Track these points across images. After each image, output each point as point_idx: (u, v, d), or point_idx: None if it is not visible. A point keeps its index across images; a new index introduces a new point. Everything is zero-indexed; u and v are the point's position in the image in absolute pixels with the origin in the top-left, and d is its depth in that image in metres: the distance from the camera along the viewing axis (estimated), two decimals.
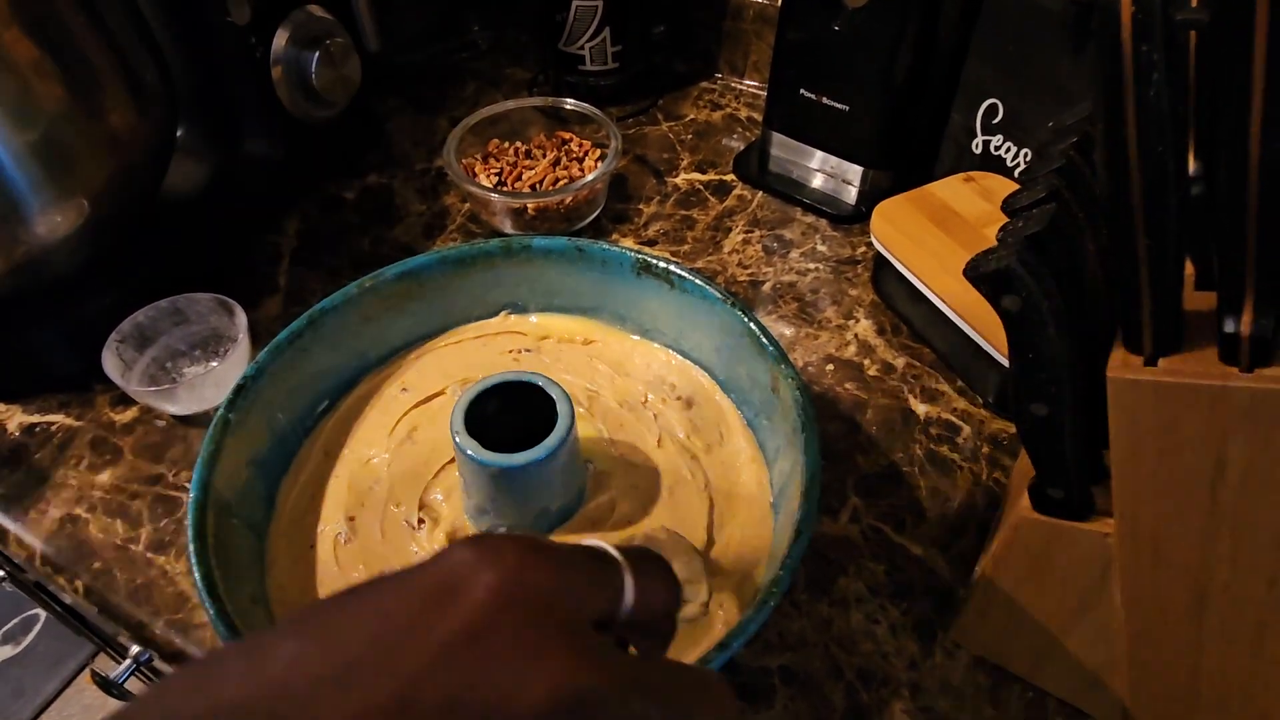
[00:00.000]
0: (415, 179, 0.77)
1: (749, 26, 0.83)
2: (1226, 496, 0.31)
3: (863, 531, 0.51)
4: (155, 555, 0.50)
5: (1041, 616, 0.41)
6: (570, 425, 0.42)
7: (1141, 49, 0.24)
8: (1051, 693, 0.44)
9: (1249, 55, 0.23)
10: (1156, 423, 0.30)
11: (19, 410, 0.58)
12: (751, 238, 0.70)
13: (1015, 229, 0.32)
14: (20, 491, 0.54)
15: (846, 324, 0.63)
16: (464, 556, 0.22)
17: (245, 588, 0.41)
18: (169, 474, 0.54)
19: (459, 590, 0.21)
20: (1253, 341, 0.28)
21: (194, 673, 0.20)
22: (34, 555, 0.51)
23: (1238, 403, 0.28)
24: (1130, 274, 0.29)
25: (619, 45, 0.80)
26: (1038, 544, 0.38)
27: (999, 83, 0.61)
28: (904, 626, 0.47)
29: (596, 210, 0.71)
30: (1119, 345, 0.31)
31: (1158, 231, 0.27)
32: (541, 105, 0.75)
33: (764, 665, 0.45)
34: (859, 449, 0.55)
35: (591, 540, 0.27)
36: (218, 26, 0.62)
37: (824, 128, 0.70)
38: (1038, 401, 0.33)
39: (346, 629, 0.21)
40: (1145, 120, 0.25)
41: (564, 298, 0.55)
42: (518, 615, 0.21)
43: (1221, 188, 0.26)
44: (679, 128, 0.82)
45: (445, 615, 0.21)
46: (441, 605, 0.21)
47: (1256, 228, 0.26)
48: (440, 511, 0.46)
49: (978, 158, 0.64)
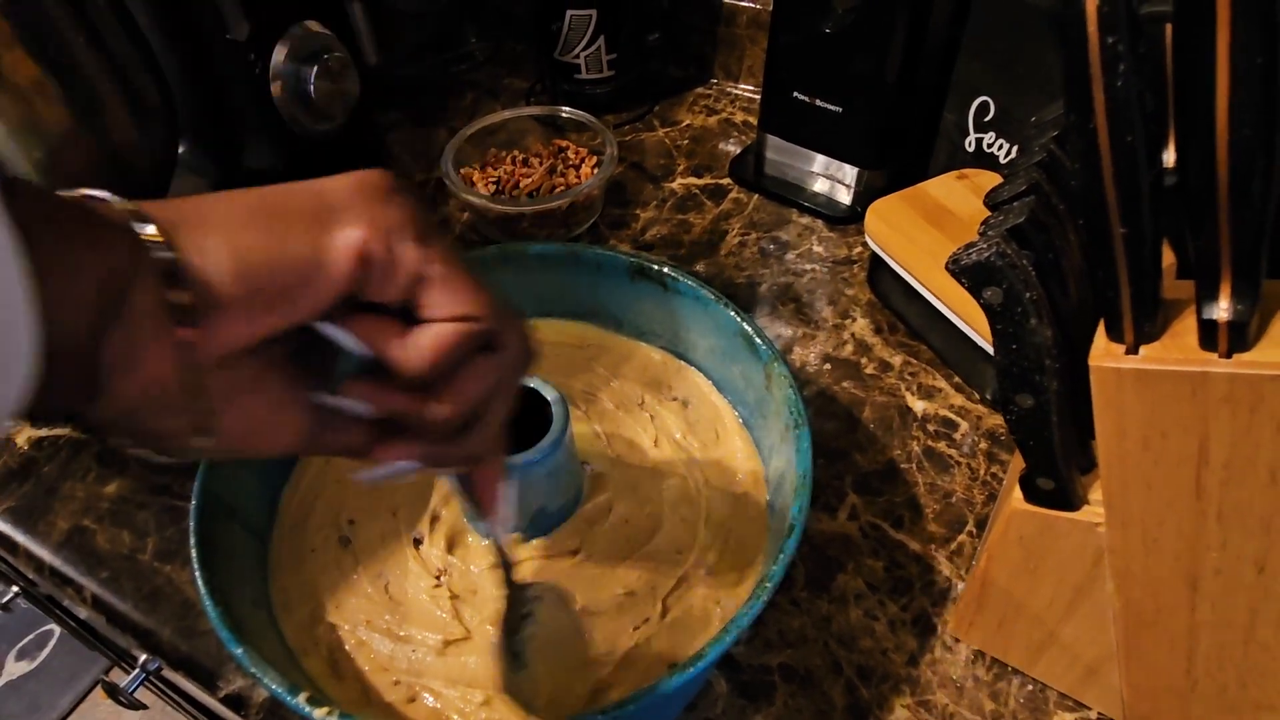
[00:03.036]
0: (414, 190, 0.78)
1: (742, 31, 0.84)
2: (1211, 482, 0.31)
3: (861, 528, 0.51)
4: (161, 564, 0.51)
5: (1037, 608, 0.41)
6: (565, 427, 0.42)
7: (1107, 41, 0.25)
8: (1050, 685, 0.44)
9: (1213, 43, 0.24)
10: (1140, 410, 0.31)
11: (26, 425, 0.59)
12: (748, 240, 0.71)
13: (996, 222, 0.32)
14: (29, 504, 0.55)
15: (843, 323, 0.64)
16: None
17: (248, 592, 0.42)
18: (174, 484, 0.55)
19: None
20: (1231, 327, 0.28)
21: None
22: (43, 567, 0.52)
23: (1218, 388, 0.29)
24: (1109, 263, 0.29)
25: (614, 53, 0.81)
26: (1031, 536, 0.39)
27: (990, 81, 0.62)
28: (903, 622, 0.47)
29: (594, 216, 0.72)
30: (1101, 334, 0.31)
31: (1133, 220, 0.28)
32: (538, 114, 0.76)
33: (764, 663, 0.46)
34: (857, 447, 0.56)
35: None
36: (217, 44, 0.63)
37: (818, 129, 0.71)
38: (1023, 392, 0.34)
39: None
40: (1114, 111, 0.26)
41: (560, 302, 0.55)
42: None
43: (1193, 175, 0.26)
44: (675, 133, 0.83)
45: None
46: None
47: (1228, 214, 0.26)
48: (439, 515, 0.46)
49: (970, 155, 0.65)
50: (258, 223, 0.25)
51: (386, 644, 0.42)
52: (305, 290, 0.25)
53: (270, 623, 0.42)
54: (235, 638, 0.36)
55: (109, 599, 0.50)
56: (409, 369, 0.27)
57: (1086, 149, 0.27)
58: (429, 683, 0.41)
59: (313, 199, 0.26)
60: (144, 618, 0.49)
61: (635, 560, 0.44)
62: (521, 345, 0.30)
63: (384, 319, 0.27)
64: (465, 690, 0.40)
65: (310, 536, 0.46)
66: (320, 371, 0.29)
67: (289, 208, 0.25)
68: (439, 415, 0.28)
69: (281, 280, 0.25)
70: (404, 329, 0.27)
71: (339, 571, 0.45)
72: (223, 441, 0.26)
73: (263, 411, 0.27)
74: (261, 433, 0.28)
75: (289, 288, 0.25)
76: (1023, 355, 0.33)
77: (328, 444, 0.29)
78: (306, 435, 0.29)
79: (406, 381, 0.28)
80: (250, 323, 0.25)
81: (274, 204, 0.25)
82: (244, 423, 0.27)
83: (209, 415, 0.25)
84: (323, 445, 0.29)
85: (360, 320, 0.27)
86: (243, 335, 0.25)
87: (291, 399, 0.28)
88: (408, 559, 0.45)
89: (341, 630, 0.43)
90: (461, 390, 0.28)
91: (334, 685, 0.40)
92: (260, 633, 0.40)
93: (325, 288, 0.25)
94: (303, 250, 0.25)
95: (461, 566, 0.44)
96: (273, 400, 0.27)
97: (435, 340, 0.27)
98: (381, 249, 0.26)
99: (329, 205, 0.26)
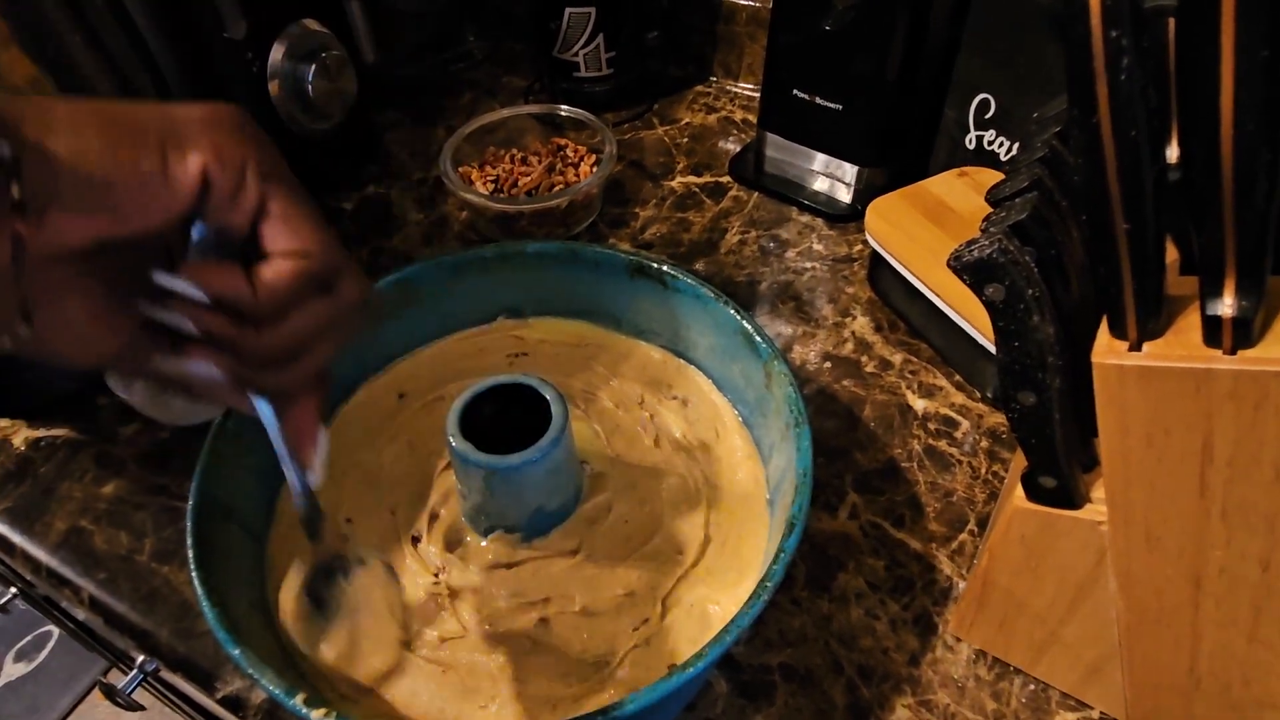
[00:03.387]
0: (413, 189, 0.78)
1: (742, 29, 0.84)
2: (1215, 480, 0.31)
3: (862, 527, 0.51)
4: (159, 565, 0.51)
5: (1039, 607, 0.41)
6: (564, 426, 0.42)
7: (1111, 35, 0.24)
8: (1052, 684, 0.44)
9: (1217, 37, 0.23)
10: (1143, 408, 0.30)
11: (24, 425, 0.59)
12: (748, 238, 0.71)
13: (998, 218, 0.32)
14: (26, 505, 0.54)
15: (844, 321, 0.64)
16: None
17: (246, 593, 0.41)
18: (172, 485, 0.55)
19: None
20: (1235, 324, 0.28)
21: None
22: (40, 568, 0.52)
23: (1222, 385, 0.28)
24: (1111, 259, 0.29)
25: (613, 51, 0.81)
26: (1033, 534, 0.38)
27: (990, 78, 0.62)
28: (904, 621, 0.47)
29: (593, 215, 0.72)
30: (1104, 331, 0.31)
31: (1136, 215, 0.28)
32: (537, 112, 0.76)
33: (764, 662, 0.46)
34: (857, 445, 0.55)
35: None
36: (215, 42, 0.63)
37: (818, 127, 0.71)
38: (1025, 390, 0.33)
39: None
40: (1117, 106, 0.25)
41: (559, 301, 0.55)
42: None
43: (1197, 171, 0.26)
44: (674, 131, 0.83)
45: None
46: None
47: (1233, 209, 0.26)
48: (438, 515, 0.46)
49: (971, 153, 0.64)
50: (104, 130, 0.25)
51: (383, 642, 0.42)
52: (142, 203, 0.26)
53: (267, 623, 0.42)
54: (233, 638, 0.36)
55: (106, 600, 0.50)
56: (243, 301, 0.28)
57: (1089, 144, 0.27)
58: (425, 681, 0.40)
59: (161, 119, 0.27)
60: (141, 619, 0.49)
61: (635, 560, 0.44)
62: (356, 290, 0.31)
63: (221, 263, 0.28)
64: (462, 688, 0.40)
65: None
66: (150, 294, 0.30)
67: (136, 122, 0.26)
68: (258, 345, 0.29)
69: (120, 190, 0.25)
70: (241, 273, 0.28)
71: None
72: (39, 342, 0.27)
73: (83, 317, 0.28)
74: (80, 339, 0.28)
75: (127, 198, 0.26)
76: (1024, 352, 0.32)
77: (145, 365, 0.30)
78: (125, 350, 0.29)
79: (236, 311, 0.29)
80: (82, 225, 0.25)
81: (122, 116, 0.26)
82: (62, 324, 0.27)
83: (26, 308, 0.26)
84: (140, 365, 0.30)
85: (196, 265, 0.28)
86: (74, 236, 0.25)
87: (113, 311, 0.28)
88: (405, 557, 0.45)
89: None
90: (287, 325, 0.29)
91: (329, 684, 0.40)
92: (257, 633, 0.40)
93: (163, 204, 0.26)
94: (144, 164, 0.26)
95: (460, 565, 0.44)
96: (94, 308, 0.28)
97: (273, 275, 0.28)
98: (225, 178, 0.27)
99: (176, 129, 0.26)
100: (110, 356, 0.29)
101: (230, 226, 0.28)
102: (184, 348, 0.30)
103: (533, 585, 0.43)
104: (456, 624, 0.42)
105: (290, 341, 0.30)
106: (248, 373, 0.30)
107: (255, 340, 0.29)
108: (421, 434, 0.50)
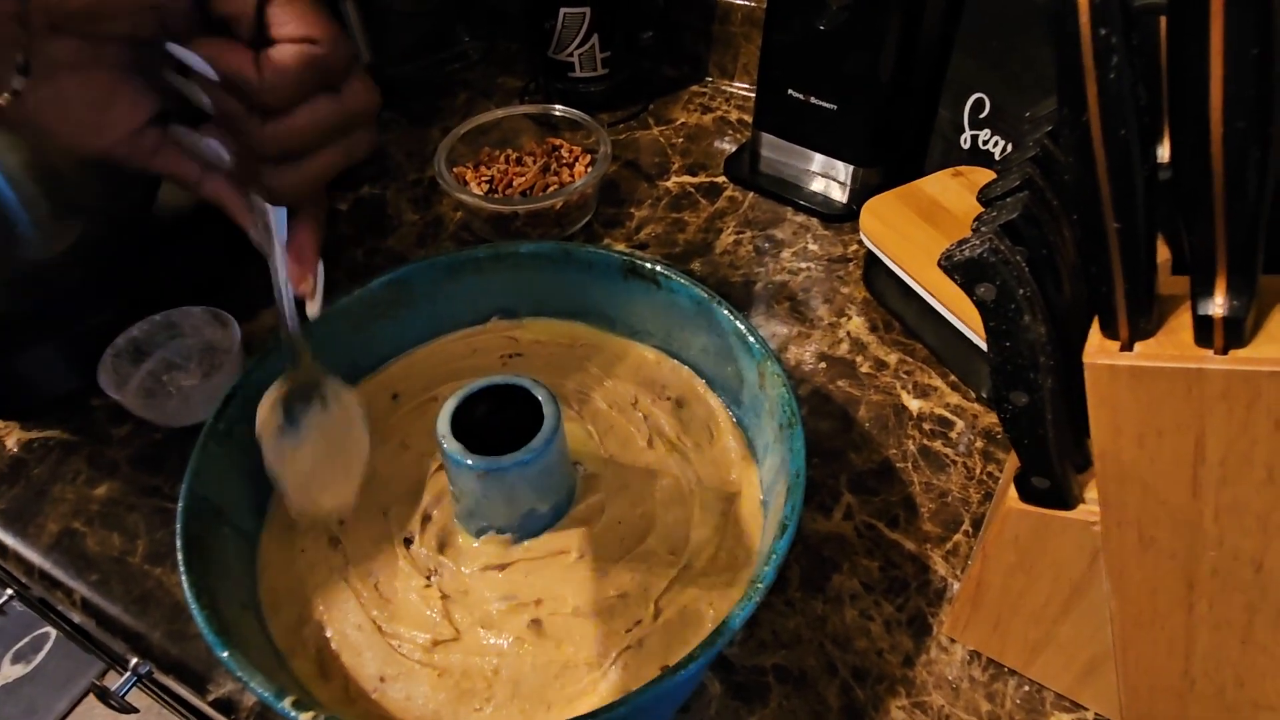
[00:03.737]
0: (408, 189, 0.78)
1: (737, 29, 0.84)
2: (1208, 480, 0.31)
3: (856, 528, 0.51)
4: (152, 567, 0.51)
5: (1034, 608, 0.41)
6: (556, 426, 0.42)
7: (1100, 33, 0.24)
8: (1047, 685, 0.44)
9: (1206, 35, 0.23)
10: (1135, 408, 0.30)
11: (17, 427, 0.59)
12: (743, 239, 0.70)
13: (989, 218, 0.32)
14: (19, 507, 0.54)
15: (839, 322, 0.63)
16: None
17: (237, 594, 0.41)
18: (165, 486, 0.55)
19: None
20: (1226, 323, 0.28)
21: None
22: (32, 570, 0.52)
23: (1214, 385, 0.28)
24: (1103, 258, 0.29)
25: (607, 51, 0.80)
26: (1026, 535, 0.38)
27: (985, 77, 0.62)
28: (898, 623, 0.47)
29: (588, 215, 0.71)
30: (1095, 331, 0.31)
31: (1127, 213, 0.27)
32: (532, 112, 0.75)
33: (758, 664, 0.45)
34: (852, 446, 0.55)
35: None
36: None
37: (813, 127, 0.70)
38: (1017, 390, 0.33)
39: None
40: (1107, 104, 0.25)
41: (553, 301, 0.55)
42: None
43: (1188, 169, 0.26)
44: (669, 132, 0.82)
45: None
46: None
47: (1223, 208, 0.26)
48: (431, 516, 0.46)
49: (966, 152, 0.64)
50: None
51: (375, 644, 0.42)
52: None
53: (259, 625, 0.41)
54: (222, 641, 0.35)
55: (99, 602, 0.50)
56: (252, 83, 0.28)
57: (1080, 143, 0.27)
58: (417, 683, 0.40)
59: None
60: (134, 621, 0.49)
61: (628, 561, 0.44)
62: (363, 94, 0.31)
63: (232, 42, 0.29)
64: (456, 691, 0.40)
65: (299, 537, 0.45)
66: (162, 89, 0.31)
67: None
68: (265, 133, 0.30)
69: None
70: (251, 54, 0.29)
71: (328, 572, 0.44)
72: (41, 111, 0.28)
73: (102, 89, 0.29)
74: (100, 113, 0.30)
75: None
76: (1016, 352, 0.32)
77: (158, 159, 0.31)
78: (136, 135, 0.31)
79: (247, 103, 0.29)
80: None
81: None
82: (81, 98, 0.29)
83: (24, 74, 0.27)
84: (153, 159, 0.31)
85: (208, 41, 0.29)
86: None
87: (134, 86, 0.30)
88: (398, 559, 0.44)
89: (330, 631, 0.42)
90: (294, 118, 0.30)
91: (321, 686, 0.40)
92: (248, 635, 0.39)
93: None
94: None
95: (452, 567, 0.44)
96: (113, 80, 0.29)
97: (281, 56, 0.29)
98: None
99: None
100: (130, 133, 0.30)
101: (236, 11, 0.28)
102: (198, 126, 0.31)
103: (525, 587, 0.43)
104: (449, 626, 0.42)
105: (297, 136, 0.30)
106: (254, 166, 0.31)
107: (261, 129, 0.29)
108: (414, 435, 0.50)
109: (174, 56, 0.29)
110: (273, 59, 0.29)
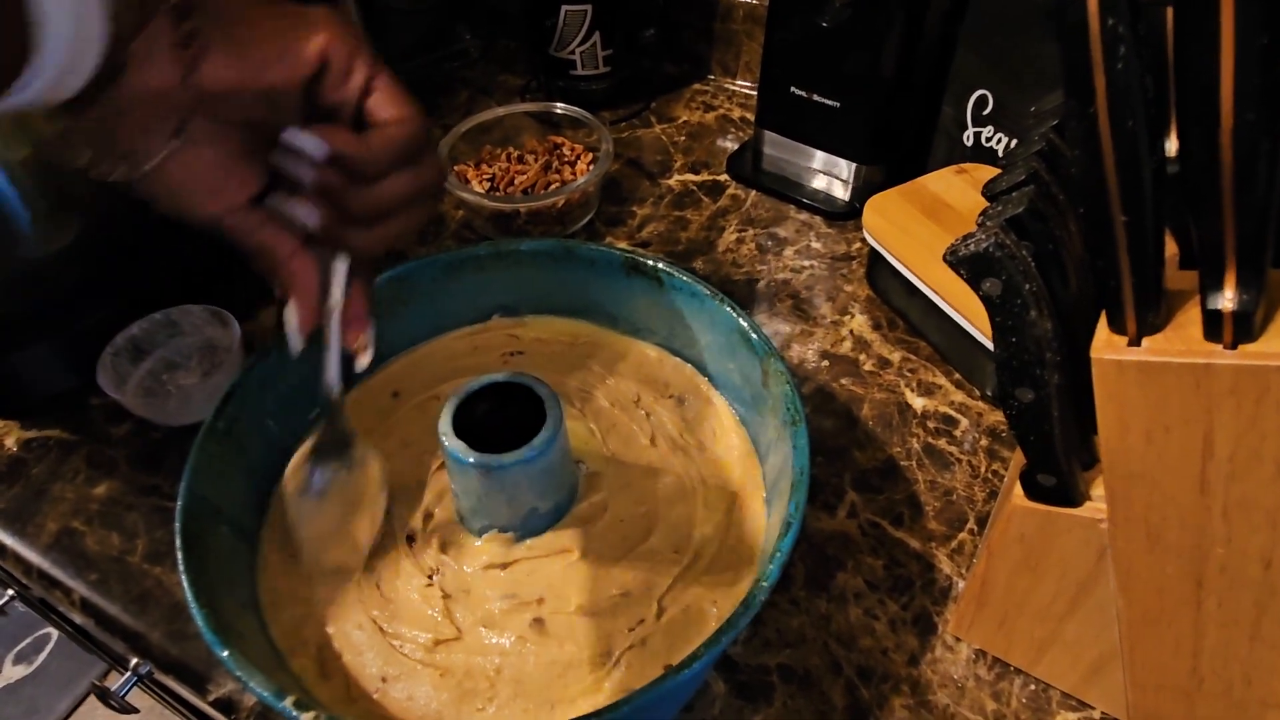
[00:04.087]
0: None
1: (739, 27, 0.83)
2: (1216, 476, 0.30)
3: (860, 527, 0.51)
4: (151, 566, 0.50)
5: (1040, 607, 0.41)
6: (558, 425, 0.41)
7: (1107, 23, 0.24)
8: (1053, 684, 0.43)
9: (1216, 24, 0.23)
10: (1143, 403, 0.30)
11: (16, 426, 0.59)
12: (745, 236, 0.70)
13: (995, 212, 0.32)
14: (18, 506, 0.54)
15: (842, 319, 0.63)
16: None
17: (236, 593, 0.41)
18: (164, 485, 0.54)
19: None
20: (1235, 318, 0.28)
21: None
22: (31, 569, 0.52)
23: (1223, 380, 0.28)
24: (1110, 252, 0.29)
25: (609, 49, 0.80)
26: (1032, 533, 0.38)
27: (988, 74, 0.61)
28: (903, 621, 0.47)
29: (589, 213, 0.71)
30: (1103, 326, 0.31)
31: (1134, 207, 0.27)
32: (533, 110, 0.75)
33: (763, 663, 0.45)
34: (856, 444, 0.55)
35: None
36: None
37: (816, 125, 0.70)
38: (1023, 386, 0.33)
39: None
40: (1115, 95, 0.25)
41: (554, 299, 0.55)
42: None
43: (1196, 162, 0.26)
44: (672, 130, 0.82)
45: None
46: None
47: (1233, 201, 0.25)
48: (432, 514, 0.46)
49: (969, 149, 0.64)
50: (255, 2, 0.33)
51: (377, 643, 0.41)
52: (275, 62, 0.32)
53: (259, 624, 0.41)
54: (221, 640, 0.35)
55: (98, 602, 0.49)
56: (359, 158, 0.34)
57: (1087, 135, 0.26)
58: (419, 683, 0.40)
59: (297, 6, 0.33)
60: (133, 620, 0.48)
61: (631, 560, 0.44)
62: (436, 166, 0.37)
63: (340, 126, 0.34)
64: (458, 691, 0.40)
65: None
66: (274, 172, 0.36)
67: (279, 2, 0.33)
68: (359, 199, 0.35)
69: (261, 47, 0.32)
70: (354, 135, 0.34)
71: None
72: (175, 175, 0.33)
73: (220, 162, 0.34)
74: (214, 183, 0.34)
75: (265, 55, 0.32)
76: (1022, 348, 0.32)
77: (258, 232, 0.36)
78: (244, 205, 0.35)
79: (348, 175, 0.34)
80: (227, 70, 0.31)
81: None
82: (200, 167, 0.33)
83: (176, 137, 0.32)
84: (258, 231, 0.35)
85: (321, 127, 0.34)
86: (219, 79, 0.31)
87: (247, 161, 0.34)
88: (400, 557, 0.44)
89: (330, 630, 0.42)
90: (385, 185, 0.35)
91: (321, 686, 0.40)
92: (249, 634, 0.39)
93: (291, 65, 0.32)
94: (283, 34, 0.33)
95: (454, 566, 0.44)
96: (231, 153, 0.34)
97: (381, 136, 0.34)
98: (340, 57, 0.33)
99: (307, 15, 0.33)
100: (238, 205, 0.35)
101: (341, 101, 0.34)
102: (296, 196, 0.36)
103: (528, 586, 0.43)
104: (451, 626, 0.42)
105: (386, 200, 0.35)
106: (340, 227, 0.36)
107: (357, 195, 0.35)
108: (416, 433, 0.50)
109: (286, 139, 0.34)
110: (376, 137, 0.34)
